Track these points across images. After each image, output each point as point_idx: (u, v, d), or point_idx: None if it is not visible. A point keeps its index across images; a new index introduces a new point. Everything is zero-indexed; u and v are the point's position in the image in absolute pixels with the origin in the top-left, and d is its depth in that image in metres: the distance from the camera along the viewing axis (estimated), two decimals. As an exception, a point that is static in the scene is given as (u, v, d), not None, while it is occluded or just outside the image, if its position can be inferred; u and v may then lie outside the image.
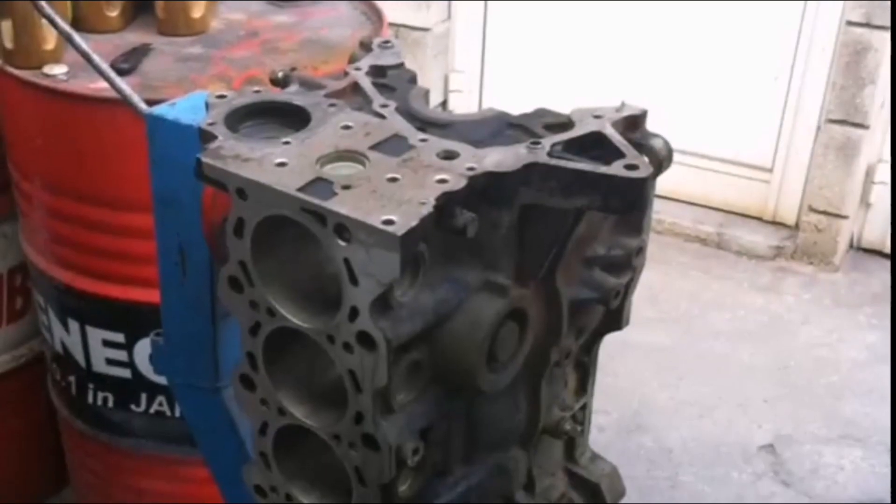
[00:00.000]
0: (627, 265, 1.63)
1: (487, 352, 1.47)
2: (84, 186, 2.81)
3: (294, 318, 1.46)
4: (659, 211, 5.34)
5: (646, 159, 1.44)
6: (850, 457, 4.22)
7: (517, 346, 1.53)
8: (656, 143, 1.55)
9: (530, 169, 1.43)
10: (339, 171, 1.41)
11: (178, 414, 2.92)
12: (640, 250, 1.65)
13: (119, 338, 2.93)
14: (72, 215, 2.86)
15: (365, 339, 1.37)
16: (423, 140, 1.46)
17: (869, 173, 5.32)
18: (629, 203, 1.43)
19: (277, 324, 1.47)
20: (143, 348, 2.87)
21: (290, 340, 1.49)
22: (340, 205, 1.33)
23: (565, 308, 1.57)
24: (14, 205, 3.11)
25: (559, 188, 1.44)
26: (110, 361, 2.98)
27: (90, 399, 3.10)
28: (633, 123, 1.54)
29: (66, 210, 2.88)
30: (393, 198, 1.34)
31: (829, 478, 4.11)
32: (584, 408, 1.79)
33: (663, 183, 1.61)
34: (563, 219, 1.49)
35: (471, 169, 1.39)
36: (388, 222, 1.29)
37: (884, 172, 5.31)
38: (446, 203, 1.34)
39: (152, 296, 2.11)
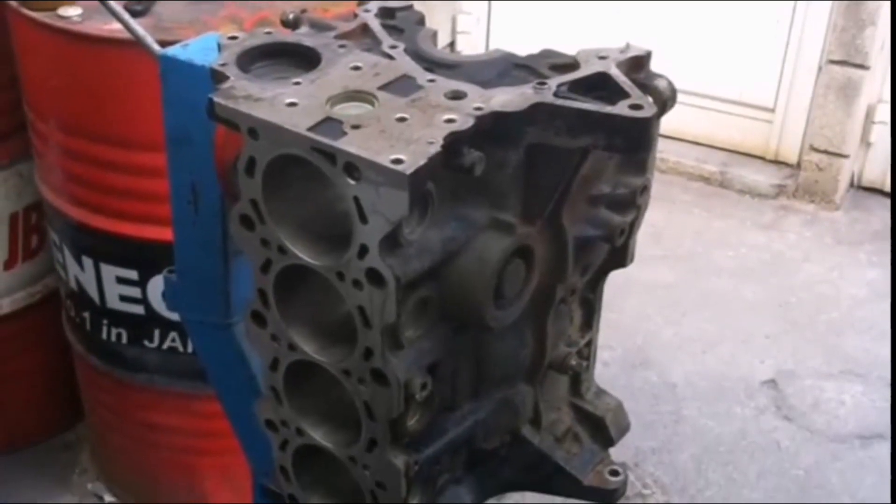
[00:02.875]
0: (632, 204, 1.64)
1: (494, 288, 1.49)
2: (98, 126, 2.84)
3: (304, 255, 1.47)
4: (663, 150, 5.35)
5: (650, 99, 1.46)
6: (851, 391, 4.26)
7: (523, 282, 1.55)
8: (660, 84, 1.56)
9: (536, 109, 1.43)
10: (348, 111, 1.42)
11: (190, 350, 2.97)
12: (645, 189, 1.66)
13: (133, 275, 2.98)
14: (86, 155, 2.90)
15: (374, 277, 1.39)
16: (431, 80, 1.48)
17: (869, 113, 5.32)
18: (633, 142, 1.45)
19: (288, 261, 1.48)
20: (156, 285, 2.92)
21: (300, 278, 1.51)
22: (350, 144, 1.34)
23: (570, 246, 1.59)
24: (29, 145, 3.14)
25: (565, 127, 1.44)
26: (124, 298, 3.03)
27: (104, 335, 3.14)
28: (637, 64, 1.55)
29: (80, 150, 2.91)
30: (401, 137, 1.35)
31: (830, 412, 4.16)
32: (590, 343, 1.80)
33: (667, 123, 1.62)
34: (568, 158, 1.50)
35: (478, 109, 1.40)
36: (397, 161, 1.30)
37: (884, 112, 5.31)
38: (454, 142, 1.35)
39: (165, 234, 2.13)
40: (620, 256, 1.71)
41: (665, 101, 1.56)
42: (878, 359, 4.36)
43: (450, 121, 1.38)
